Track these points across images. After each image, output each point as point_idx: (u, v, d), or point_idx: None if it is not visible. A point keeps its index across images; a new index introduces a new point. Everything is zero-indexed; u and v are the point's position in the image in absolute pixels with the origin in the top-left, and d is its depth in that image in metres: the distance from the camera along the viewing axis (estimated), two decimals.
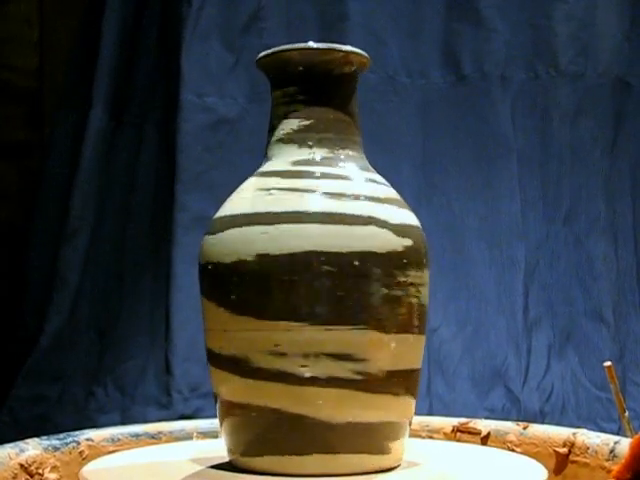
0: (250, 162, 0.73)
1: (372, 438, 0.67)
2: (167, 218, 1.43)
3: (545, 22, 1.45)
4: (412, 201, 0.74)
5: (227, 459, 0.70)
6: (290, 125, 0.71)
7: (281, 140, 0.71)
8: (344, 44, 0.72)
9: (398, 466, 0.70)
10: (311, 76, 0.70)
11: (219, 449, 0.71)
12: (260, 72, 0.73)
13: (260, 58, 0.72)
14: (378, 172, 0.73)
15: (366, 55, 0.72)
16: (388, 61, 1.46)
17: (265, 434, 0.65)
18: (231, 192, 0.71)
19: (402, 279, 0.65)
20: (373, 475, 0.67)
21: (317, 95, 0.71)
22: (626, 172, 1.45)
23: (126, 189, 1.51)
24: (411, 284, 0.66)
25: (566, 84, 1.44)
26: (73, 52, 1.62)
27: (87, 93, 1.53)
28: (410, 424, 0.70)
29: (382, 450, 0.67)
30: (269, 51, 0.71)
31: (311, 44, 0.70)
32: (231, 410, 0.67)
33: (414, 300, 0.66)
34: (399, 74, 1.47)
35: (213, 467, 0.70)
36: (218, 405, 0.69)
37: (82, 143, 1.51)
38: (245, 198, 0.68)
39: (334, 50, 0.70)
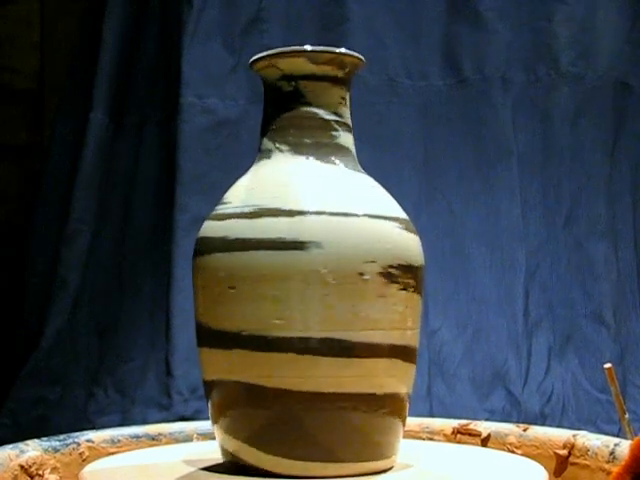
0: (250, 164, 0.73)
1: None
2: (167, 220, 1.43)
3: (546, 24, 1.45)
4: (412, 203, 0.74)
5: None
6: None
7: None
8: (344, 46, 0.72)
9: (393, 467, 0.70)
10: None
11: (218, 450, 0.71)
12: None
13: (253, 61, 0.72)
14: (378, 174, 0.73)
15: (360, 56, 0.72)
16: (388, 63, 1.46)
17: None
18: None
19: None
20: (368, 477, 0.67)
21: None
22: (627, 174, 1.45)
23: (126, 190, 1.51)
24: None
25: (567, 86, 1.44)
26: (74, 54, 1.63)
27: (87, 95, 1.53)
28: (404, 425, 0.70)
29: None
30: (262, 54, 0.71)
31: (305, 46, 0.70)
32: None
33: None
34: (399, 76, 1.47)
35: (207, 468, 0.71)
36: (215, 405, 0.69)
37: (82, 145, 1.51)
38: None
39: (327, 52, 0.70)
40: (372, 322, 0.66)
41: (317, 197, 0.67)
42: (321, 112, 0.71)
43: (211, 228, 0.69)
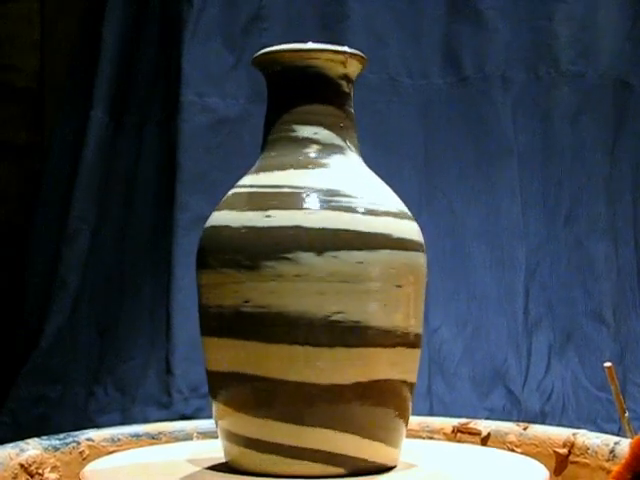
0: (251, 162, 0.73)
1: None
2: (168, 218, 1.43)
3: (546, 23, 1.45)
4: (413, 202, 0.75)
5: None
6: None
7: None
8: (345, 44, 0.72)
9: (395, 466, 0.70)
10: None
11: (219, 449, 0.71)
12: (259, 71, 0.73)
13: (256, 57, 0.71)
14: (379, 173, 0.73)
15: (363, 55, 0.72)
16: (389, 62, 1.46)
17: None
18: None
19: None
20: (372, 476, 0.67)
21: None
22: (627, 173, 1.45)
23: (127, 190, 1.51)
24: None
25: (567, 85, 1.44)
26: (74, 53, 1.63)
27: (88, 94, 1.53)
28: (407, 425, 0.70)
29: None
30: (265, 50, 0.71)
31: (308, 44, 0.70)
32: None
33: None
34: (400, 75, 1.47)
35: (210, 468, 0.71)
36: (215, 406, 0.69)
37: (83, 144, 1.51)
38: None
39: (331, 50, 0.70)
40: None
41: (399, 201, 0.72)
42: None
43: (363, 222, 0.67)
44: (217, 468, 0.70)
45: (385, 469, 0.68)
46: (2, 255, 1.68)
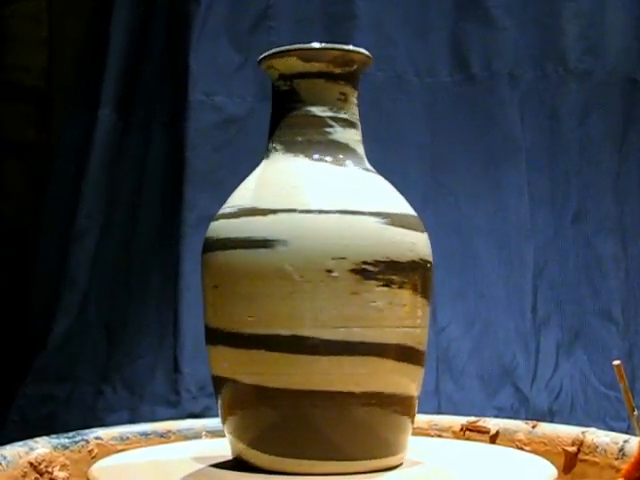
0: (258, 161, 0.73)
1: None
2: (175, 217, 1.43)
3: (554, 20, 1.45)
4: (420, 200, 0.74)
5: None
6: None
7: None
8: (352, 43, 0.72)
9: (402, 464, 0.70)
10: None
11: (227, 447, 0.71)
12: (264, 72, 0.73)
13: (261, 60, 0.72)
14: (385, 171, 0.73)
15: (368, 53, 0.72)
16: (396, 60, 1.46)
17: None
18: None
19: None
20: (377, 473, 0.67)
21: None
22: (635, 170, 1.45)
23: (134, 188, 1.51)
24: None
25: (575, 82, 1.44)
26: (81, 51, 1.63)
27: (95, 92, 1.53)
28: (413, 422, 0.70)
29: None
30: (270, 52, 0.71)
31: (312, 44, 0.70)
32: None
33: None
34: (407, 73, 1.46)
35: (216, 465, 0.71)
36: (222, 403, 0.69)
37: (90, 143, 1.51)
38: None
39: (334, 49, 0.70)
40: (343, 319, 0.66)
41: (291, 196, 0.68)
42: (315, 109, 0.71)
43: (209, 228, 0.72)
44: (224, 465, 0.70)
45: (391, 467, 0.68)
46: (9, 253, 1.68)
